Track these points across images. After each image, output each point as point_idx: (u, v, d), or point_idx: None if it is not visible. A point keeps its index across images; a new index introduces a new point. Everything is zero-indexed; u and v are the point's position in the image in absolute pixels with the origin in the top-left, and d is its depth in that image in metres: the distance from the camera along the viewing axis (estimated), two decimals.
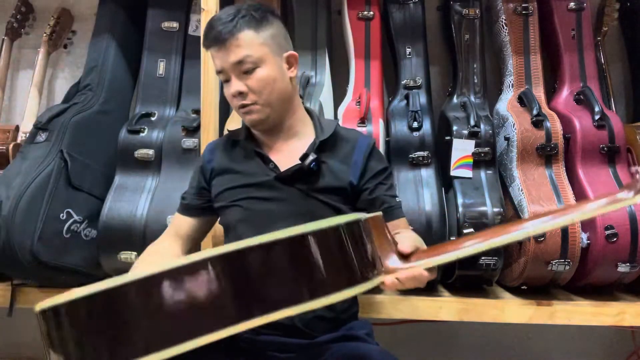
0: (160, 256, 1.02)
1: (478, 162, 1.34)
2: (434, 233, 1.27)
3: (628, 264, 1.24)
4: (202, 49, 1.32)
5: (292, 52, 1.01)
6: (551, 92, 1.54)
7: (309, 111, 1.08)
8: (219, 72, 0.98)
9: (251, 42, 0.95)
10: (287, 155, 1.00)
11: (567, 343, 1.71)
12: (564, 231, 1.24)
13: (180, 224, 1.09)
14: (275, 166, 1.00)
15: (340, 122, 1.35)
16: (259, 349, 0.96)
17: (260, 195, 0.99)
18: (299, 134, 1.03)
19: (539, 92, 1.48)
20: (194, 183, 1.09)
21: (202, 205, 1.07)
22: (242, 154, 1.04)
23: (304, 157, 0.97)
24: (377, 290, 1.35)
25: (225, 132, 1.31)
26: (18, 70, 1.86)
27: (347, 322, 1.02)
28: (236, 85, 0.96)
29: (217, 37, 0.95)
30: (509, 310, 1.27)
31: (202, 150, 1.17)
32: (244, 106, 0.97)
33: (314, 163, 0.96)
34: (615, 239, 1.23)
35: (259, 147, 1.03)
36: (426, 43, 1.56)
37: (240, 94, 0.96)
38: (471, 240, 0.74)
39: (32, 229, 1.28)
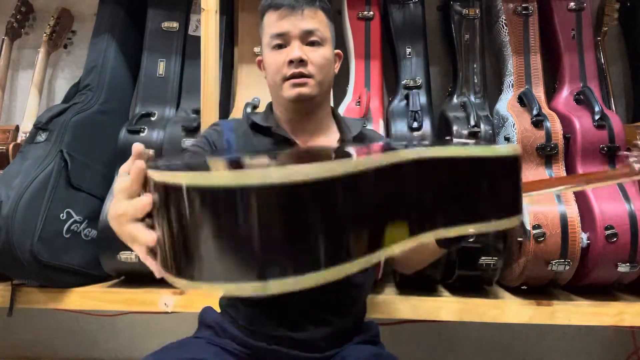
0: None
1: None
2: None
3: (628, 264, 1.24)
4: (203, 47, 1.31)
5: (339, 51, 1.04)
6: (551, 92, 1.54)
7: (332, 110, 1.07)
8: (277, 36, 0.94)
9: (323, 21, 0.96)
10: None
11: (567, 343, 1.71)
12: (564, 231, 1.23)
13: None
14: None
15: None
16: (271, 358, 0.95)
17: None
18: (325, 131, 1.02)
19: (539, 92, 1.48)
20: (205, 146, 0.96)
21: None
22: (270, 143, 0.99)
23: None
24: (377, 290, 1.35)
25: None
26: (18, 70, 1.86)
27: (357, 328, 1.02)
28: (298, 51, 0.93)
29: (295, 2, 0.93)
30: (509, 310, 1.27)
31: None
32: (299, 76, 0.93)
33: None
34: (615, 239, 1.23)
35: (291, 137, 0.98)
36: (426, 43, 1.56)
37: (301, 62, 0.93)
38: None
39: (32, 229, 1.28)
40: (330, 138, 1.00)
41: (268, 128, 0.99)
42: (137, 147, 0.57)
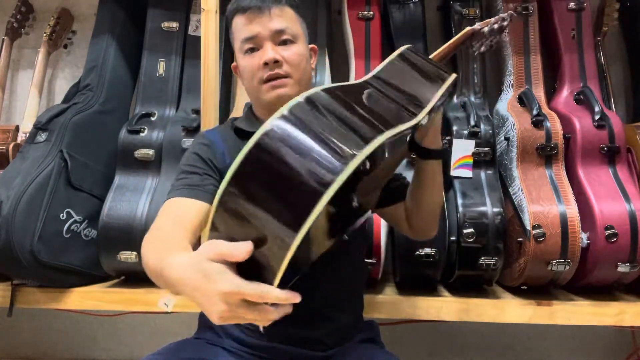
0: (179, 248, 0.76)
1: (478, 162, 1.34)
2: None
3: (628, 264, 1.24)
4: (203, 47, 1.31)
5: (314, 45, 1.03)
6: (551, 92, 1.54)
7: None
8: (248, 39, 0.94)
9: (292, 18, 0.96)
10: None
11: (567, 343, 1.71)
12: (564, 231, 1.23)
13: (187, 210, 0.85)
14: None
15: None
16: (273, 357, 0.96)
17: None
18: None
19: (539, 92, 1.48)
20: (202, 164, 0.93)
21: (214, 190, 0.88)
22: None
23: None
24: (377, 290, 1.35)
25: None
26: (18, 70, 1.86)
27: (357, 325, 1.02)
28: (272, 52, 0.92)
29: (262, 3, 0.92)
30: (509, 310, 1.27)
31: None
32: (276, 78, 0.92)
33: None
34: (615, 239, 1.23)
35: None
36: (426, 43, 1.56)
37: (276, 62, 0.92)
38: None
39: (32, 229, 1.28)
40: None
41: (249, 133, 0.96)
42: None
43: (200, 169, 0.92)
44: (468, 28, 0.98)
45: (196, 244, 0.81)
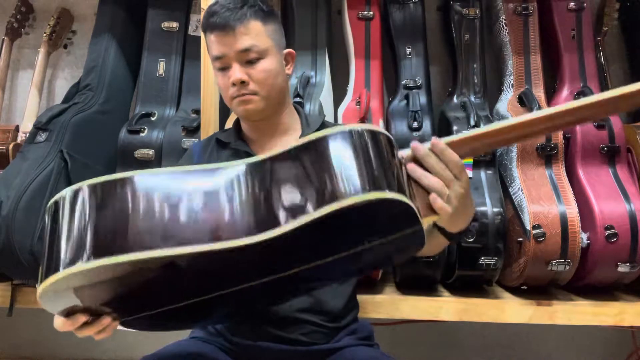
0: None
1: (478, 162, 1.34)
2: None
3: (628, 264, 1.24)
4: (203, 47, 1.32)
5: (290, 49, 1.03)
6: (551, 92, 1.54)
7: (295, 108, 1.08)
8: (217, 58, 0.96)
9: (258, 32, 0.95)
10: None
11: (567, 343, 1.71)
12: (564, 231, 1.23)
13: None
14: None
15: (340, 122, 1.36)
16: (260, 356, 0.96)
17: None
18: (288, 130, 1.03)
19: (539, 92, 1.48)
20: None
21: None
22: (233, 157, 1.01)
23: None
24: (377, 290, 1.35)
25: None
26: (18, 70, 1.86)
27: (348, 326, 1.02)
28: (238, 73, 0.94)
29: (225, 22, 0.93)
30: (509, 310, 1.27)
31: None
32: (241, 95, 0.95)
33: None
34: (615, 239, 1.23)
35: (250, 149, 1.01)
36: (426, 43, 1.56)
37: (242, 83, 0.94)
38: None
39: (32, 229, 1.28)
40: (292, 137, 1.02)
41: (227, 143, 1.05)
42: None
43: None
44: None
45: None
